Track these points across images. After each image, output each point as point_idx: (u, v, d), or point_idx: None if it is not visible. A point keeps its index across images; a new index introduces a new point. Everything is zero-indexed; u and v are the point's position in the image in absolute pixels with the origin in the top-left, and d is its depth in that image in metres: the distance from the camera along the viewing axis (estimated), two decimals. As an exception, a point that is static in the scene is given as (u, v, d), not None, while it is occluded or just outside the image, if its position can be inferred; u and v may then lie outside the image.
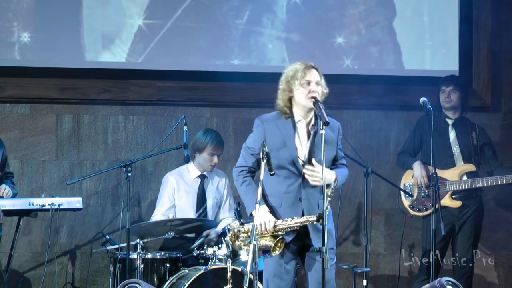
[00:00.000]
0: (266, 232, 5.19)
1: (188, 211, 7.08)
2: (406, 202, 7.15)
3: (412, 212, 7.12)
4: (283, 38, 7.79)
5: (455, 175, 7.05)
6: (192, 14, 7.66)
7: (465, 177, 7.06)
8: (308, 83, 5.24)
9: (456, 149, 7.12)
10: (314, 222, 5.16)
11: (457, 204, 7.04)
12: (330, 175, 5.25)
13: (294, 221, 5.20)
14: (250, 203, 5.26)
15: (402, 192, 7.14)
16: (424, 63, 7.94)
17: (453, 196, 7.05)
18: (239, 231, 5.29)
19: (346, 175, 5.43)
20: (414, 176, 7.08)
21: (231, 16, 7.74)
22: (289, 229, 5.21)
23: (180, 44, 7.66)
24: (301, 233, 5.26)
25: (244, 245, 5.30)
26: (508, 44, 8.09)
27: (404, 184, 7.16)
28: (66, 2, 7.52)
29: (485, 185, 7.01)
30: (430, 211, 6.84)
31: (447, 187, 7.02)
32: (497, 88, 8.06)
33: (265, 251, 5.25)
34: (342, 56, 7.84)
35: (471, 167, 7.09)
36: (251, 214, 5.25)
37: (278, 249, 5.20)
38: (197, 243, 6.75)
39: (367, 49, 7.88)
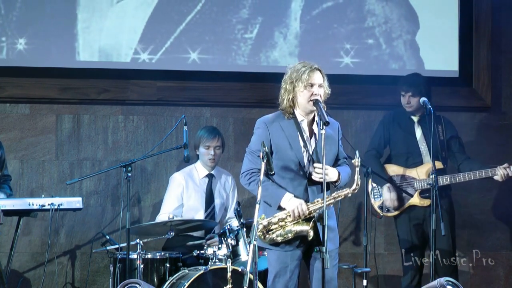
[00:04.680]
0: (299, 217, 5.21)
1: (197, 210, 7.07)
2: (376, 203, 7.11)
3: (382, 213, 7.09)
4: (296, 53, 7.72)
5: (423, 173, 7.01)
6: (197, 27, 7.61)
7: (432, 176, 6.97)
8: (311, 85, 5.26)
9: (423, 147, 7.07)
10: (349, 195, 5.26)
11: (426, 202, 6.98)
12: (333, 174, 5.27)
13: (321, 202, 5.20)
14: (274, 196, 5.25)
15: (371, 194, 7.09)
16: (424, 63, 7.93)
17: (422, 195, 7.01)
18: (270, 223, 5.26)
19: (349, 173, 5.44)
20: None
21: (239, 30, 7.70)
22: (319, 211, 5.22)
23: (183, 60, 7.62)
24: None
25: (277, 236, 5.26)
26: (508, 44, 8.08)
27: (373, 186, 7.10)
28: (61, 8, 7.52)
29: (452, 182, 6.93)
30: (399, 211, 6.93)
31: (415, 185, 6.99)
32: (497, 88, 8.05)
33: (298, 237, 5.25)
34: (343, 56, 7.82)
35: (438, 165, 6.98)
36: (279, 207, 5.26)
37: (312, 230, 5.23)
38: (196, 242, 6.75)
39: (366, 50, 7.87)
